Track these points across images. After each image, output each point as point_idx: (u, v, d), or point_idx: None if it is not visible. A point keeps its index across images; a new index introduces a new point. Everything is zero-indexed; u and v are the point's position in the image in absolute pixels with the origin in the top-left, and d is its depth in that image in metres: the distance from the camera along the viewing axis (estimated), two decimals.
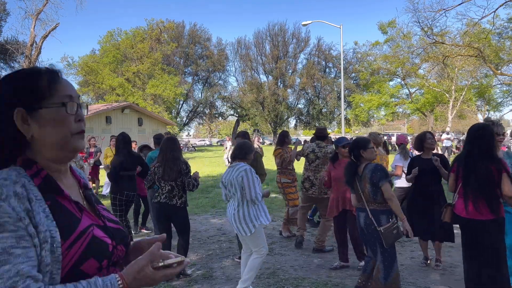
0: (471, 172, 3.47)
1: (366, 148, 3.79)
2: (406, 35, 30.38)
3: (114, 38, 41.35)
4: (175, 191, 4.51)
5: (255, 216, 3.93)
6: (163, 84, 36.59)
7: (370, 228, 3.69)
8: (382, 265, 3.65)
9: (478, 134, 3.49)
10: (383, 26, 35.54)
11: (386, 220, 3.64)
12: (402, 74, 36.60)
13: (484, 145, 3.43)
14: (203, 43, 47.98)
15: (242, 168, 3.94)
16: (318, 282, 4.38)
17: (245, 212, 3.92)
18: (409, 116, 45.93)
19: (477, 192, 3.41)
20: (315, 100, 47.51)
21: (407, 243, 5.81)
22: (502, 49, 25.19)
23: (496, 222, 3.39)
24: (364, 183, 3.71)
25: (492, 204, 3.37)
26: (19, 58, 19.52)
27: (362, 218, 3.78)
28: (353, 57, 45.28)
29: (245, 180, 3.87)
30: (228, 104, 51.15)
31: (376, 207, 3.68)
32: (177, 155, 4.53)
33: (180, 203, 4.54)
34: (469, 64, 27.61)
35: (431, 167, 4.66)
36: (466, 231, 3.54)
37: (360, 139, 3.98)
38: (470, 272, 3.54)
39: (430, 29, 20.27)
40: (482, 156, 3.42)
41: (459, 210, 3.58)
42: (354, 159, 3.85)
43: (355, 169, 3.81)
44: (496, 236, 3.40)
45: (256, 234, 3.95)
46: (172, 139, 4.67)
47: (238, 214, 3.95)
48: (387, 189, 3.60)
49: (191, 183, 4.52)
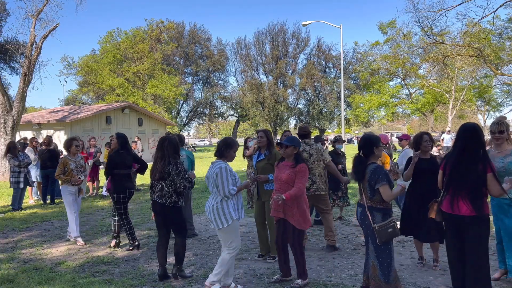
0: (455, 170, 3.51)
1: (378, 146, 3.82)
2: (406, 35, 30.39)
3: (114, 38, 41.37)
4: (165, 191, 4.48)
5: (228, 212, 4.06)
6: (163, 84, 36.59)
7: (364, 224, 3.77)
8: (377, 261, 3.68)
9: (466, 133, 3.52)
10: (383, 26, 35.54)
11: (381, 218, 3.67)
12: (402, 74, 36.61)
13: (475, 144, 3.44)
14: (203, 43, 47.95)
15: (218, 165, 4.08)
16: (318, 282, 4.38)
17: (219, 207, 4.07)
18: (409, 116, 45.99)
19: (462, 189, 3.44)
20: (315, 100, 47.49)
21: (407, 243, 5.81)
22: (502, 49, 25.16)
23: (479, 219, 3.40)
24: (364, 181, 3.75)
25: (476, 201, 3.40)
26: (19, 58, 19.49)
27: (359, 213, 3.86)
28: (353, 57, 45.29)
29: (219, 177, 4.03)
30: (228, 104, 51.13)
31: (373, 204, 3.71)
32: (162, 155, 4.47)
33: (169, 202, 4.49)
34: (469, 64, 27.60)
35: (429, 167, 4.66)
36: (450, 227, 3.59)
37: (372, 136, 3.99)
38: (455, 268, 3.57)
39: (430, 29, 20.26)
40: (469, 155, 3.45)
41: (443, 206, 3.62)
42: (364, 156, 3.84)
43: (365, 166, 3.79)
44: (480, 233, 3.42)
45: (229, 229, 4.07)
46: (165, 139, 4.60)
47: (213, 208, 4.10)
48: (385, 191, 3.62)
49: (182, 184, 4.46)
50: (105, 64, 38.49)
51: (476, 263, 3.40)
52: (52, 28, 16.33)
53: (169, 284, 4.45)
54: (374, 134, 4.18)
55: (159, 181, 4.50)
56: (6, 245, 6.27)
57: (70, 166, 6.20)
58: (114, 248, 5.94)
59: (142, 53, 38.87)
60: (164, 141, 4.55)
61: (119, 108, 25.13)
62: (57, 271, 4.94)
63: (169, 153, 4.47)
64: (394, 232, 3.66)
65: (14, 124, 16.06)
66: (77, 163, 6.31)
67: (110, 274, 4.82)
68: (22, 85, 16.25)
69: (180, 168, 4.47)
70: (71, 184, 6.19)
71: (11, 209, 9.06)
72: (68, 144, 6.36)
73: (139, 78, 38.64)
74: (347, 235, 6.48)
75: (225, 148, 4.21)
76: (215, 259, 5.30)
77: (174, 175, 4.44)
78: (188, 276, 4.64)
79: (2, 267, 5.12)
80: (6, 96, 16.40)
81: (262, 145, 5.28)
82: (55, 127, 22.04)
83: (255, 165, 5.35)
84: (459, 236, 3.51)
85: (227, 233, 4.09)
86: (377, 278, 3.68)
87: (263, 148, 5.29)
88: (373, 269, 3.72)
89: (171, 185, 4.46)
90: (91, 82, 38.29)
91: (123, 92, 36.38)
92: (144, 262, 5.27)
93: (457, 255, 3.56)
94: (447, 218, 3.60)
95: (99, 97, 38.96)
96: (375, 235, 3.66)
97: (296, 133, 5.88)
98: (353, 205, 9.03)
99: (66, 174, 6.17)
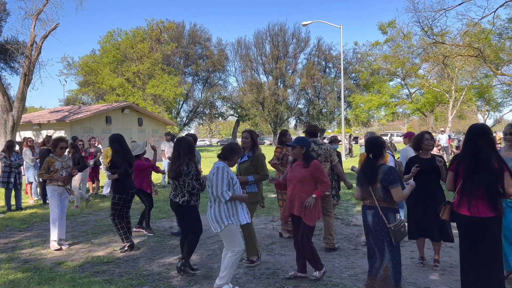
0: (474, 171, 3.46)
1: (385, 147, 3.84)
2: (406, 35, 30.35)
3: (114, 38, 41.32)
4: (178, 190, 4.67)
5: (226, 215, 4.07)
6: (163, 84, 36.57)
7: (378, 226, 3.69)
8: (391, 264, 3.65)
9: (480, 133, 3.50)
10: (383, 26, 35.50)
11: (394, 218, 3.67)
12: (402, 74, 36.57)
13: (487, 144, 3.45)
14: (203, 43, 47.93)
15: (216, 166, 4.14)
16: (318, 282, 4.38)
17: (216, 210, 4.10)
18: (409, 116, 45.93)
19: (479, 190, 3.42)
20: (315, 100, 47.49)
21: (407, 243, 5.81)
22: (502, 49, 25.15)
23: (497, 220, 3.40)
24: (376, 183, 3.71)
25: (494, 202, 3.39)
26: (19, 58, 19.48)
27: (370, 215, 3.76)
28: (353, 57, 45.28)
29: (214, 177, 4.08)
30: (228, 104, 51.13)
31: (385, 205, 3.69)
32: (178, 155, 4.63)
33: (182, 201, 4.65)
34: (469, 64, 27.57)
35: (430, 167, 4.66)
36: (468, 229, 3.53)
37: (379, 138, 3.99)
38: (468, 270, 3.54)
39: (430, 29, 20.24)
40: (486, 155, 3.43)
41: (459, 208, 3.57)
42: (374, 158, 3.81)
43: (376, 169, 3.75)
44: (496, 234, 3.42)
45: (228, 233, 4.08)
46: (180, 140, 4.75)
47: (210, 210, 4.17)
48: (398, 193, 3.60)
49: (191, 184, 4.57)
50: (105, 64, 38.46)
51: (491, 264, 3.40)
52: (52, 28, 16.32)
53: (169, 284, 4.45)
54: (379, 136, 4.16)
55: (173, 180, 4.67)
56: (6, 245, 6.27)
57: (56, 166, 6.02)
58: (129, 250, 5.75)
59: (142, 53, 38.85)
60: (180, 141, 4.70)
61: (119, 108, 25.11)
62: (57, 271, 4.94)
63: (184, 153, 4.60)
64: (405, 231, 3.71)
65: (14, 124, 16.05)
66: (63, 163, 6.14)
67: (110, 274, 4.83)
68: (22, 85, 16.24)
69: (190, 169, 4.56)
70: (56, 184, 6.00)
71: (6, 209, 9.06)
72: (54, 144, 6.18)
73: (139, 78, 38.62)
74: (347, 235, 6.48)
75: (230, 152, 4.29)
76: (215, 259, 5.30)
77: (184, 175, 4.56)
78: (191, 273, 4.67)
79: (2, 267, 5.12)
80: (6, 96, 16.39)
81: (246, 146, 5.19)
82: (55, 127, 22.04)
83: (238, 166, 5.25)
84: (475, 238, 3.47)
85: (225, 237, 4.13)
86: (388, 279, 3.65)
87: (247, 149, 5.20)
88: (385, 270, 3.67)
89: (183, 185, 4.60)
90: (91, 82, 38.26)
91: (123, 92, 36.36)
92: (144, 262, 5.27)
93: (470, 259, 3.52)
94: (464, 221, 3.53)
95: (99, 97, 38.93)
96: (390, 236, 3.62)
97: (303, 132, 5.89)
98: (352, 205, 9.03)
99: (51, 173, 6.00)
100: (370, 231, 3.79)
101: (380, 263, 3.72)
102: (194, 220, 4.77)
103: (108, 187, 11.18)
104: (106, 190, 11.18)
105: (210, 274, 4.75)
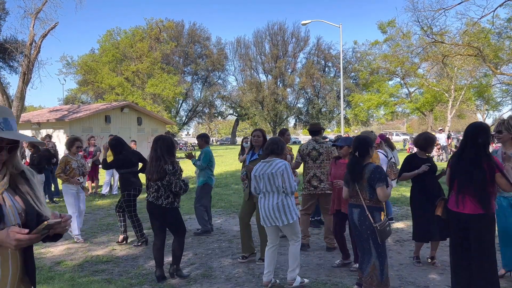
0: (457, 168, 3.54)
1: (373, 146, 3.87)
2: (406, 35, 30.34)
3: (113, 37, 41.32)
4: (161, 191, 4.44)
5: (293, 207, 4.22)
6: (162, 83, 36.56)
7: (364, 224, 3.72)
8: (377, 261, 3.68)
9: (469, 132, 3.54)
10: (383, 26, 35.47)
11: (379, 217, 3.68)
12: (401, 74, 36.56)
13: (483, 142, 3.46)
14: (203, 42, 47.94)
15: (281, 164, 4.15)
16: (317, 282, 4.38)
17: (284, 204, 4.16)
18: (408, 115, 45.89)
19: (465, 187, 3.46)
20: (314, 100, 47.53)
21: (406, 243, 5.82)
22: (502, 49, 25.16)
23: (485, 217, 3.40)
24: (363, 181, 3.73)
25: (482, 200, 3.41)
26: (18, 57, 19.44)
27: (356, 214, 3.80)
28: (352, 57, 45.36)
29: (285, 175, 4.12)
30: (228, 103, 51.17)
31: (372, 204, 3.71)
32: (160, 155, 4.42)
33: (166, 203, 4.44)
34: (468, 64, 27.58)
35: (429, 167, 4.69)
36: (456, 224, 3.58)
37: (367, 137, 4.00)
38: (457, 267, 3.57)
39: (429, 28, 20.25)
40: (469, 153, 3.48)
41: (450, 204, 3.64)
42: (360, 157, 3.84)
43: (362, 167, 3.78)
44: (484, 232, 3.42)
45: (294, 223, 4.20)
46: (159, 139, 4.54)
47: (277, 205, 4.16)
48: (383, 192, 3.63)
49: (178, 184, 4.42)
50: (104, 63, 38.43)
51: (483, 262, 3.40)
52: (51, 27, 16.30)
53: (168, 284, 4.45)
54: (368, 136, 4.17)
55: (156, 182, 4.44)
56: None
57: (72, 165, 6.18)
58: (122, 243, 6.04)
59: (142, 52, 38.83)
60: (158, 141, 4.50)
61: (118, 107, 25.09)
62: (56, 270, 4.94)
63: (163, 153, 4.41)
64: (390, 230, 3.75)
65: None
66: (78, 162, 6.31)
67: (110, 273, 4.82)
68: (21, 84, 16.22)
69: (176, 168, 4.44)
70: (72, 183, 6.19)
71: None
72: (70, 143, 6.30)
73: (138, 77, 38.61)
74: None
75: (281, 149, 4.30)
76: (214, 258, 5.30)
77: (170, 175, 4.40)
78: (186, 275, 4.62)
79: None
80: (5, 95, 16.39)
81: (258, 145, 5.19)
82: (54, 126, 22.01)
83: (247, 164, 5.24)
84: (464, 234, 3.50)
85: (291, 227, 4.20)
86: (374, 277, 3.68)
87: (257, 147, 5.20)
88: (372, 268, 3.72)
89: (168, 185, 4.42)
90: (90, 81, 38.24)
91: (122, 91, 36.34)
92: (143, 261, 5.26)
93: (461, 255, 3.54)
94: (452, 216, 3.61)
95: (99, 96, 38.92)
96: (376, 235, 3.65)
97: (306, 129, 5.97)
98: None
99: (68, 173, 6.16)
100: (356, 228, 3.83)
101: (367, 260, 3.77)
102: (179, 222, 4.60)
103: (107, 186, 11.17)
104: (106, 189, 11.18)
105: (209, 273, 4.75)
